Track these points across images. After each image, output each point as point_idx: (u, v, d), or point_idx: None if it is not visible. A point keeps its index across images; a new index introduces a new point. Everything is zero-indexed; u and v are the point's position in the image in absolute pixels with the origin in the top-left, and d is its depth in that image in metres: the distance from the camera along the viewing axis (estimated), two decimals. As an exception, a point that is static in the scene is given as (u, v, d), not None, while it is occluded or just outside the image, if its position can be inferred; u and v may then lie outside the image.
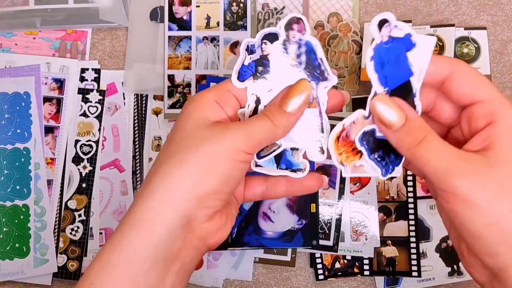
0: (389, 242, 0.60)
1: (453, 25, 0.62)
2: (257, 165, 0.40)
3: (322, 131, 0.40)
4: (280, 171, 0.40)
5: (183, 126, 0.37)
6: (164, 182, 0.36)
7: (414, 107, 0.37)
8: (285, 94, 0.38)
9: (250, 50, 0.39)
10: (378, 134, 0.38)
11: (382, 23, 0.36)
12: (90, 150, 0.62)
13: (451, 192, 0.33)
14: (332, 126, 0.40)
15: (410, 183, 0.61)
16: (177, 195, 0.35)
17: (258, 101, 0.40)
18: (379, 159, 0.38)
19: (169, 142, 0.38)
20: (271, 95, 0.40)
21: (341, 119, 0.39)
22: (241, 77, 0.39)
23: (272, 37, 0.38)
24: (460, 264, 0.60)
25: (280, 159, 0.41)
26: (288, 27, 0.38)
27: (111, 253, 0.35)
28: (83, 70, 0.63)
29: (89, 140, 0.62)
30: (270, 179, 0.42)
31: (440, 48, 0.61)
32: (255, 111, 0.40)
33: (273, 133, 0.38)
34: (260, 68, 0.39)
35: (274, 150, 0.40)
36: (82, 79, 0.63)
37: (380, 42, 0.36)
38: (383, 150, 0.38)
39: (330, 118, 0.41)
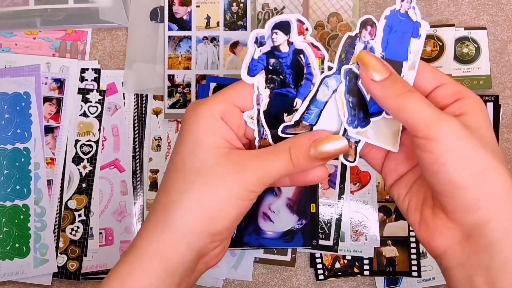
0: (389, 242, 0.61)
1: (453, 25, 0.62)
2: None
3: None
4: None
5: (194, 150, 0.36)
6: (180, 219, 0.36)
7: None
8: (317, 141, 0.37)
9: (259, 42, 0.37)
10: (360, 83, 0.38)
11: None
12: (90, 150, 0.62)
13: (439, 139, 0.33)
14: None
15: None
16: (192, 233, 0.36)
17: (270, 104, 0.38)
18: (351, 104, 0.38)
19: (181, 168, 0.37)
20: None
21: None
22: (251, 72, 0.37)
23: (284, 27, 0.36)
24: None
25: None
26: (363, 25, 0.38)
27: (124, 278, 0.36)
28: (83, 70, 0.63)
29: (89, 140, 0.62)
30: None
31: (440, 48, 0.61)
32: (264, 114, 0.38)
33: (287, 173, 0.37)
34: (272, 61, 0.37)
35: (298, 133, 0.39)
36: (82, 79, 0.63)
37: (398, 10, 0.39)
38: (358, 100, 0.38)
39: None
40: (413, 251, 0.60)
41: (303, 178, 0.40)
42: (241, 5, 0.63)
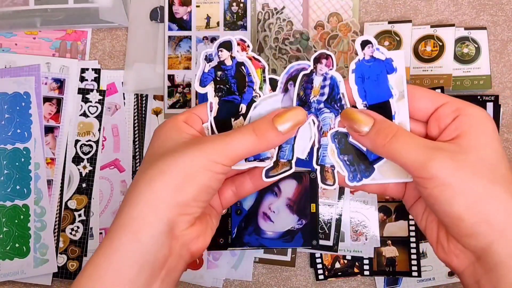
0: (389, 242, 0.60)
1: (453, 25, 0.62)
2: None
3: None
4: (249, 163, 0.42)
5: (162, 143, 0.40)
6: (146, 190, 0.37)
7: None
8: (280, 113, 0.40)
9: (208, 59, 0.43)
10: (351, 140, 0.41)
11: (364, 43, 0.41)
12: (90, 150, 0.62)
13: (428, 177, 0.35)
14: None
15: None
16: (159, 203, 0.37)
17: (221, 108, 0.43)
18: (348, 162, 0.41)
19: (148, 157, 0.40)
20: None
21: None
22: (203, 83, 0.43)
23: (226, 46, 0.43)
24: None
25: None
26: (317, 60, 0.42)
27: (99, 260, 0.36)
28: (83, 70, 0.63)
29: (89, 140, 0.62)
30: (237, 180, 0.44)
31: (440, 48, 0.61)
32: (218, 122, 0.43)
33: (254, 147, 0.39)
34: (219, 73, 0.43)
35: (284, 171, 0.42)
36: (82, 79, 0.63)
37: (362, 59, 0.41)
38: (354, 156, 0.41)
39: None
40: (413, 251, 0.60)
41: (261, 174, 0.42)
42: (241, 5, 0.63)
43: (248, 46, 0.43)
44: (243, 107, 0.43)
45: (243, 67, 0.43)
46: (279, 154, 0.42)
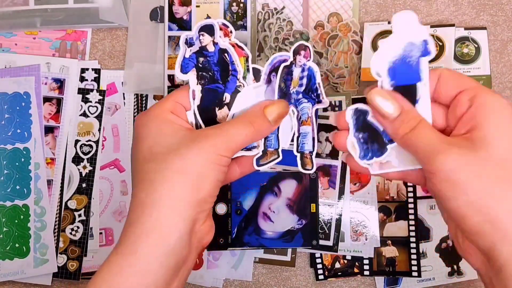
0: (389, 242, 0.60)
1: (453, 25, 0.62)
2: None
3: (313, 146, 0.44)
4: (238, 152, 0.42)
5: (159, 138, 0.39)
6: (165, 192, 0.37)
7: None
8: (269, 104, 0.41)
9: (189, 43, 0.42)
10: (370, 118, 0.40)
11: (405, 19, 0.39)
12: (90, 150, 0.62)
13: (435, 171, 0.35)
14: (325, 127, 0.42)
15: (410, 183, 0.61)
16: (181, 203, 0.37)
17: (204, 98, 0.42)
18: (362, 140, 0.41)
19: (151, 155, 0.38)
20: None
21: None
22: (184, 70, 0.42)
23: (208, 30, 0.41)
24: (460, 264, 0.60)
25: None
26: (296, 52, 0.42)
27: (122, 262, 0.36)
28: (83, 70, 0.63)
29: (89, 140, 0.62)
30: None
31: (440, 48, 0.61)
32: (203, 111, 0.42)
33: (252, 137, 0.40)
34: (201, 59, 0.42)
35: (273, 159, 0.43)
36: (82, 79, 0.63)
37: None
38: (369, 134, 0.40)
39: (320, 117, 0.42)
40: (413, 251, 0.60)
41: (250, 165, 0.43)
42: (241, 5, 0.63)
43: (231, 31, 0.42)
44: (227, 96, 0.42)
45: (226, 54, 0.42)
46: (265, 144, 0.43)
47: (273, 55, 0.42)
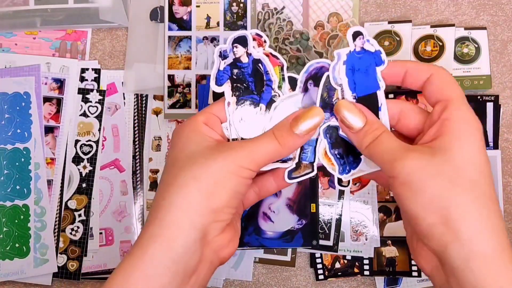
0: (389, 242, 0.61)
1: (453, 25, 0.62)
2: None
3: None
4: (271, 164, 0.42)
5: (186, 147, 0.39)
6: (180, 196, 0.37)
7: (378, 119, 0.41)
8: (296, 117, 0.40)
9: (223, 56, 0.42)
10: (341, 133, 0.41)
11: (356, 34, 0.41)
12: (90, 150, 0.62)
13: (393, 176, 0.36)
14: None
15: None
16: (193, 210, 0.36)
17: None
18: (338, 156, 0.42)
19: (173, 162, 0.39)
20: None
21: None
22: (219, 82, 0.42)
23: (242, 41, 0.41)
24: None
25: None
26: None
27: (132, 268, 0.36)
28: (83, 70, 0.63)
29: (89, 140, 0.62)
30: (260, 180, 0.44)
31: (440, 48, 0.61)
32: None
33: (278, 152, 0.39)
34: (235, 71, 0.41)
35: (307, 173, 0.42)
36: (82, 79, 0.63)
37: (353, 50, 0.41)
38: (344, 149, 0.42)
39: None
40: (413, 251, 0.60)
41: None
42: (241, 5, 0.63)
43: (265, 41, 0.42)
44: (262, 107, 0.42)
45: (260, 64, 0.42)
46: (301, 156, 0.42)
47: (309, 62, 0.41)
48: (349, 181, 0.43)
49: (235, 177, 0.37)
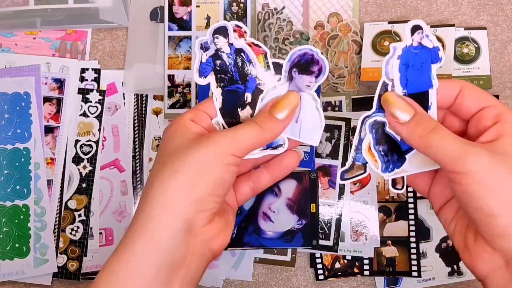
0: (389, 242, 0.60)
1: (453, 25, 0.62)
2: None
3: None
4: (263, 151, 0.42)
5: (171, 142, 0.40)
6: (161, 191, 0.37)
7: None
8: (275, 102, 0.40)
9: (204, 48, 0.42)
10: (387, 129, 0.40)
11: (415, 28, 0.39)
12: (90, 150, 0.62)
13: (465, 172, 0.34)
14: (333, 126, 0.41)
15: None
16: (175, 201, 0.36)
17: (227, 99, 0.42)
18: (382, 152, 0.41)
19: (159, 158, 0.40)
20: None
21: (343, 119, 0.41)
22: (202, 74, 0.42)
23: (222, 32, 0.41)
24: (461, 263, 0.60)
25: None
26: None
27: (117, 264, 0.36)
28: (83, 70, 0.63)
29: (89, 140, 0.62)
30: (254, 174, 0.44)
31: (440, 48, 0.61)
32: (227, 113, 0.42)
33: (261, 137, 0.39)
34: (218, 62, 0.42)
35: (359, 174, 0.42)
36: (82, 79, 0.63)
37: (410, 45, 0.39)
38: (389, 146, 0.40)
39: (332, 118, 0.41)
40: (413, 251, 0.60)
41: (280, 169, 0.44)
42: (241, 5, 0.63)
43: (245, 32, 0.42)
44: (248, 96, 0.42)
45: (242, 54, 0.42)
46: (355, 156, 0.42)
47: (291, 50, 0.41)
48: (403, 183, 0.42)
49: (218, 163, 0.37)
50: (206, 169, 0.37)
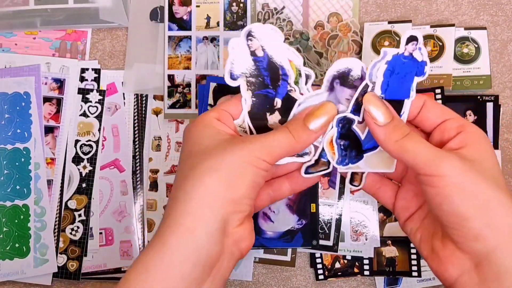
0: (389, 242, 0.60)
1: (453, 25, 0.62)
2: None
3: None
4: (289, 158, 0.41)
5: (200, 140, 0.39)
6: (198, 187, 0.36)
7: None
8: (310, 112, 0.40)
9: None
10: (354, 127, 0.41)
11: (411, 39, 0.39)
12: (90, 150, 0.62)
13: (440, 175, 0.36)
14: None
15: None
16: (214, 198, 0.36)
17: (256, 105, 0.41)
18: (342, 147, 0.42)
19: (188, 155, 0.39)
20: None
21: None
22: (233, 76, 0.40)
23: (256, 34, 0.40)
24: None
25: None
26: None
27: (152, 258, 0.36)
28: (83, 70, 0.63)
29: (89, 140, 0.62)
30: (274, 183, 0.44)
31: (440, 48, 0.61)
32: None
33: (292, 147, 0.39)
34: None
35: (322, 170, 0.42)
36: (82, 79, 0.63)
37: (401, 53, 0.40)
38: (350, 142, 0.41)
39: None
40: (413, 251, 0.60)
41: (301, 180, 0.43)
42: (241, 5, 0.63)
43: (281, 36, 0.41)
44: (278, 102, 0.41)
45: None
46: (321, 153, 0.42)
47: (337, 61, 0.40)
48: (360, 181, 0.43)
49: (253, 167, 0.37)
50: (243, 172, 0.37)
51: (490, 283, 0.35)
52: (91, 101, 0.62)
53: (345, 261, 0.61)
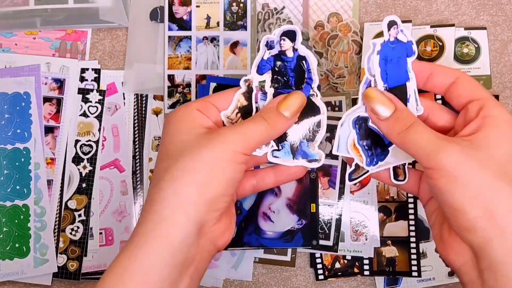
0: (389, 242, 0.60)
1: (453, 25, 0.62)
2: (274, 156, 0.42)
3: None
4: (296, 161, 0.42)
5: (176, 137, 0.39)
6: (172, 190, 0.36)
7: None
8: (282, 100, 0.40)
9: (269, 46, 0.41)
10: (370, 124, 0.41)
11: (391, 24, 0.40)
12: (90, 150, 0.62)
13: (435, 167, 0.35)
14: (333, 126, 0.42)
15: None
16: (188, 202, 0.36)
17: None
18: (366, 147, 0.41)
19: (165, 154, 0.39)
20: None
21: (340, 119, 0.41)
22: (260, 71, 0.42)
23: (290, 35, 0.41)
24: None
25: (296, 151, 0.42)
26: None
27: (127, 263, 0.36)
28: (83, 70, 0.63)
29: (89, 140, 0.62)
30: (260, 173, 0.44)
31: (440, 48, 0.61)
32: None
33: (268, 134, 0.39)
34: (278, 63, 0.42)
35: (364, 173, 0.42)
36: (82, 79, 0.63)
37: (387, 40, 0.40)
38: (372, 140, 0.41)
39: (332, 118, 0.41)
40: (413, 251, 0.60)
41: (287, 174, 0.43)
42: (241, 5, 0.63)
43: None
44: None
45: (304, 61, 0.42)
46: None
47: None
48: (405, 175, 0.43)
49: (230, 163, 0.37)
50: (219, 169, 0.37)
51: (486, 274, 0.35)
52: (91, 101, 0.62)
53: (345, 261, 0.61)
